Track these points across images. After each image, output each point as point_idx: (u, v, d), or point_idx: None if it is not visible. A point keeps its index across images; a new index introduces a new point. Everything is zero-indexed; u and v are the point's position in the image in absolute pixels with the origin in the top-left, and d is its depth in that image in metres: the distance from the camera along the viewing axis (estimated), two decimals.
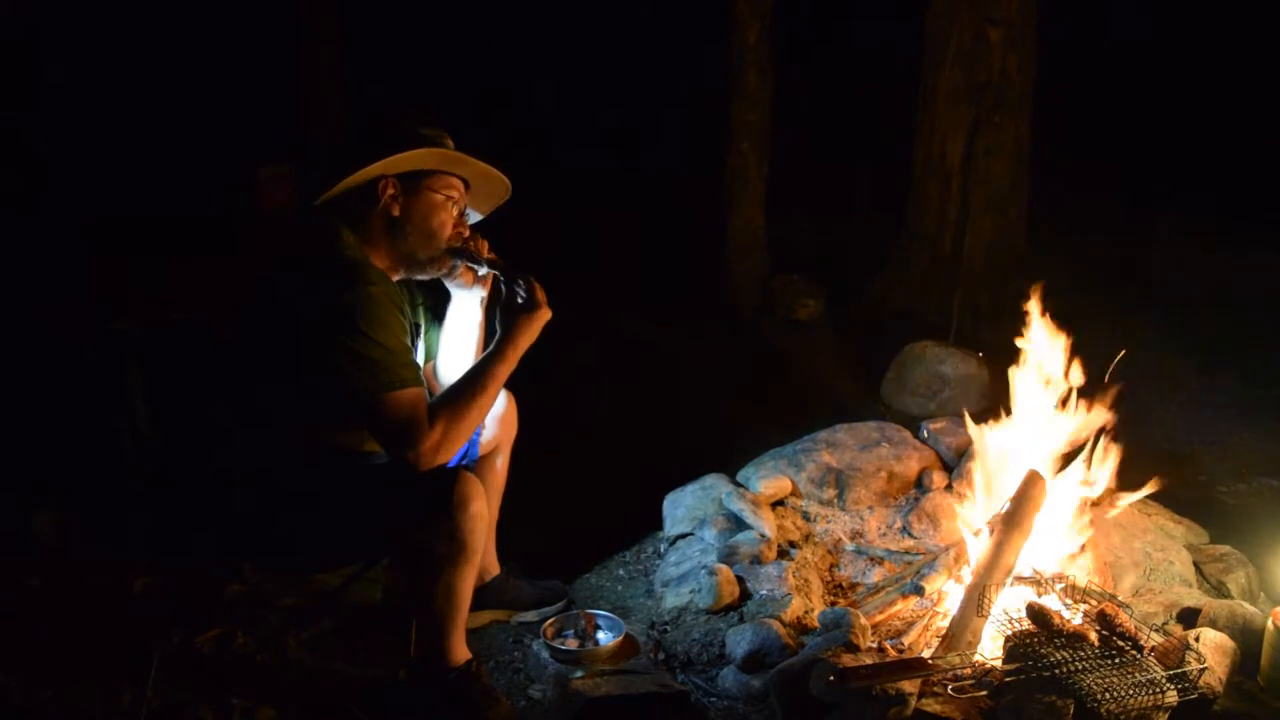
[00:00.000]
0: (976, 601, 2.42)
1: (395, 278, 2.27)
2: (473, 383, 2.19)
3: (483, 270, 2.37)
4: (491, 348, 2.24)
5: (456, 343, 2.54)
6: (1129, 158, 7.10)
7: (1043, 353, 2.83)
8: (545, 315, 2.26)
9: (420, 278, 2.37)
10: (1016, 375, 2.90)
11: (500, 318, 2.27)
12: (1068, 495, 2.74)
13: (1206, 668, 2.20)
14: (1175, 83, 7.15)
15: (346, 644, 2.61)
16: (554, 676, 2.42)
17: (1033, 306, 2.87)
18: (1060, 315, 2.86)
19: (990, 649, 2.40)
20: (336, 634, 2.63)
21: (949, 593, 2.69)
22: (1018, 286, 5.01)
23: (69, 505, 2.93)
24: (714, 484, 3.26)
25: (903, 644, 2.51)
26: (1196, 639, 2.31)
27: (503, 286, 2.30)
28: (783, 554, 2.92)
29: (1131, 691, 2.10)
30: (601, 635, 2.56)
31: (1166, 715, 2.13)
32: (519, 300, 2.25)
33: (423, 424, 2.06)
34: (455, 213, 2.30)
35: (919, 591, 2.68)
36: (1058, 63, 5.53)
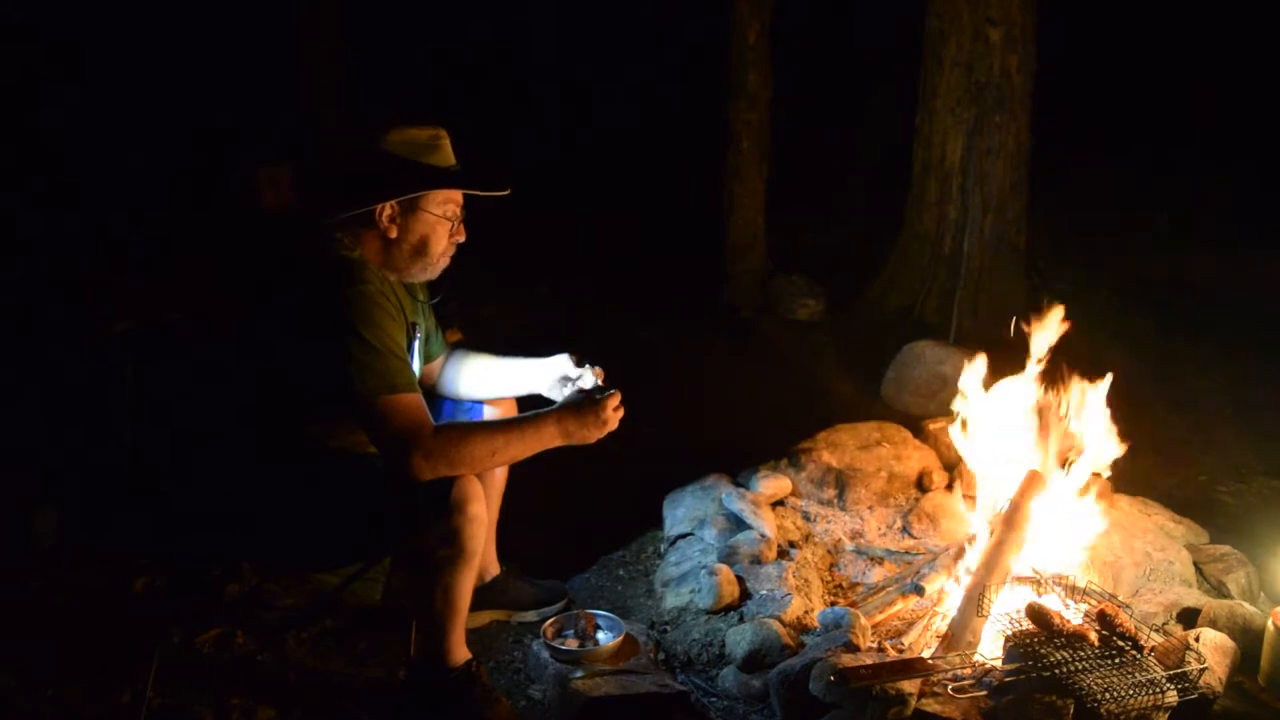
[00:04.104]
0: (976, 601, 2.42)
1: (392, 278, 2.28)
2: (496, 434, 2.17)
3: (590, 387, 2.35)
4: (534, 418, 2.22)
5: (506, 378, 2.55)
6: (1128, 156, 7.10)
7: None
8: (599, 435, 2.25)
9: (413, 282, 2.38)
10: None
11: (566, 403, 2.26)
12: (1073, 496, 2.75)
13: (1206, 668, 2.20)
14: (1175, 81, 7.15)
15: (346, 644, 2.61)
16: (554, 676, 2.42)
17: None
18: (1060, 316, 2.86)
19: (990, 649, 2.40)
20: (336, 634, 2.63)
21: (949, 593, 2.68)
22: (1017, 286, 5.02)
23: (69, 505, 2.93)
24: (714, 484, 3.26)
25: (903, 644, 2.51)
26: (1196, 639, 2.31)
27: (595, 389, 2.31)
28: (783, 554, 2.92)
29: (1131, 691, 2.10)
30: (601, 635, 2.56)
31: (1166, 715, 2.13)
32: (593, 408, 2.23)
33: (418, 433, 2.05)
34: (451, 224, 2.28)
35: (919, 591, 2.68)
36: (1058, 63, 5.53)
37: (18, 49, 5.04)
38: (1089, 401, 2.76)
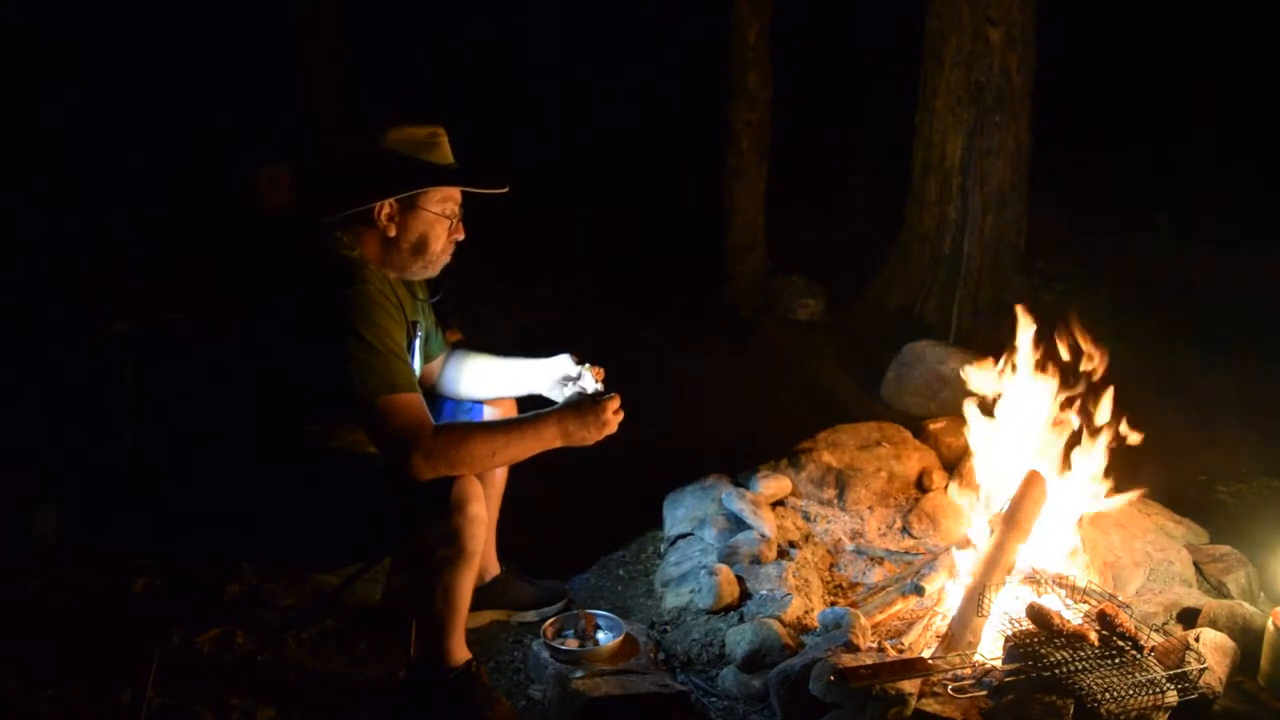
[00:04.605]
0: (976, 601, 2.42)
1: (391, 277, 2.28)
2: (496, 434, 2.17)
3: (590, 388, 2.35)
4: (534, 418, 2.22)
5: (506, 378, 2.55)
6: (1128, 156, 7.10)
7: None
8: (598, 436, 2.25)
9: (414, 280, 2.38)
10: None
11: (567, 404, 2.26)
12: (1068, 495, 2.74)
13: (1206, 668, 2.20)
14: (1175, 81, 7.15)
15: (346, 644, 2.61)
16: (554, 676, 2.42)
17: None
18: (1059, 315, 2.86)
19: (990, 649, 2.40)
20: (336, 634, 2.63)
21: (949, 593, 2.69)
22: (1018, 286, 5.02)
23: (69, 505, 2.93)
24: (714, 484, 3.26)
25: (903, 644, 2.51)
26: (1196, 639, 2.31)
27: (594, 390, 2.32)
28: (783, 554, 2.92)
29: (1131, 691, 2.10)
30: (601, 635, 2.56)
31: (1166, 715, 2.13)
32: (594, 409, 2.24)
33: (418, 433, 2.05)
34: (450, 222, 2.28)
35: (919, 591, 2.68)
36: (1058, 63, 5.53)
37: (18, 49, 5.04)
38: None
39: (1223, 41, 6.94)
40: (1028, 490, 2.63)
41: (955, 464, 3.43)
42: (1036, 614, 2.30)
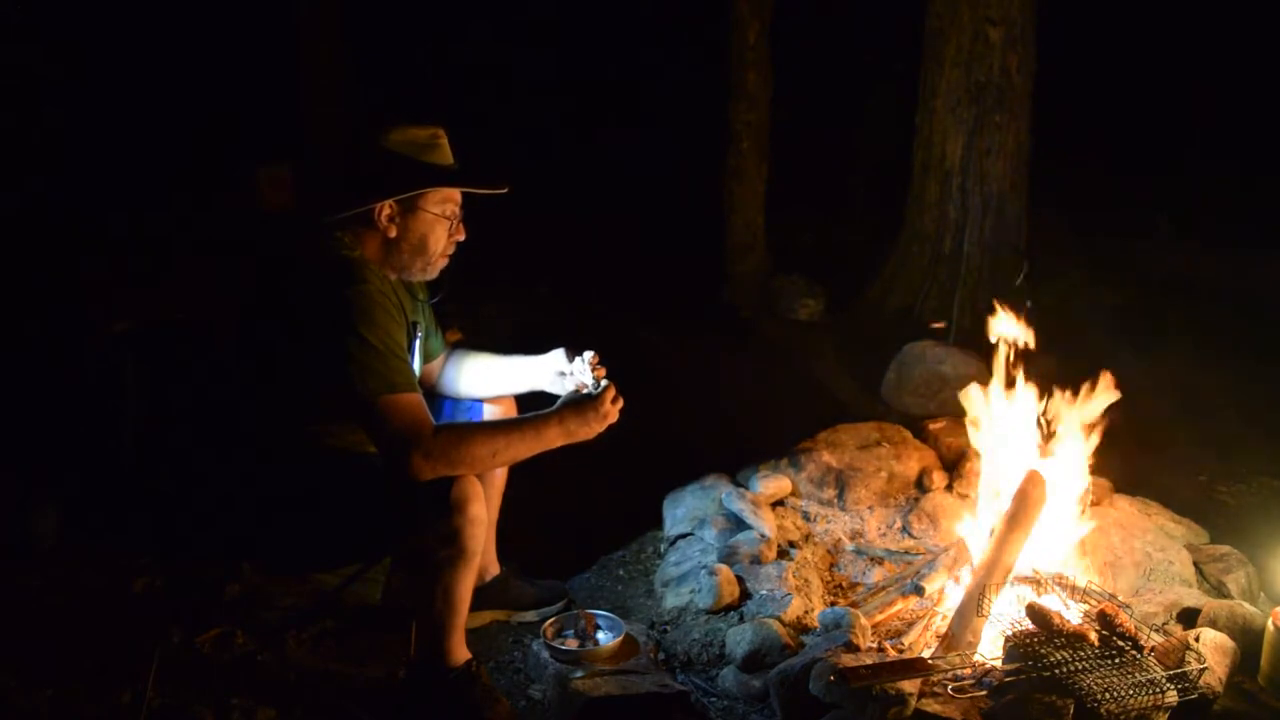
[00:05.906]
0: (976, 601, 2.42)
1: (392, 278, 2.28)
2: (496, 434, 2.18)
3: (588, 380, 2.35)
4: (534, 419, 2.22)
5: (505, 376, 2.56)
6: (1129, 156, 7.10)
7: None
8: (600, 429, 2.25)
9: (415, 281, 2.38)
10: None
11: (565, 402, 2.26)
12: (1068, 492, 2.75)
13: (1206, 668, 2.20)
14: (1174, 81, 7.15)
15: (346, 644, 2.61)
16: (554, 676, 2.42)
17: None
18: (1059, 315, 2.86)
19: (990, 649, 2.40)
20: (336, 634, 2.63)
21: (949, 593, 2.69)
22: (1017, 286, 5.02)
23: (69, 505, 2.93)
24: (714, 484, 3.27)
25: (903, 644, 2.51)
26: (1196, 639, 2.31)
27: (591, 381, 2.32)
28: (783, 554, 2.92)
29: (1131, 691, 2.10)
30: (601, 635, 2.56)
31: (1166, 715, 2.14)
32: (592, 404, 2.24)
33: (418, 433, 2.05)
34: (451, 223, 2.29)
35: (919, 591, 2.68)
36: (1058, 63, 5.53)
37: (18, 49, 5.04)
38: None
39: (1222, 41, 6.94)
40: (1028, 490, 2.62)
41: (955, 464, 3.43)
42: (1036, 614, 2.30)
